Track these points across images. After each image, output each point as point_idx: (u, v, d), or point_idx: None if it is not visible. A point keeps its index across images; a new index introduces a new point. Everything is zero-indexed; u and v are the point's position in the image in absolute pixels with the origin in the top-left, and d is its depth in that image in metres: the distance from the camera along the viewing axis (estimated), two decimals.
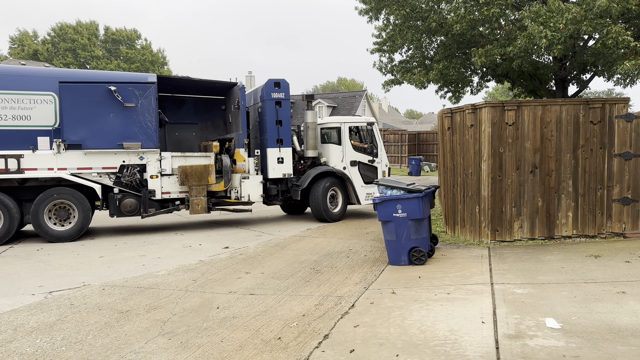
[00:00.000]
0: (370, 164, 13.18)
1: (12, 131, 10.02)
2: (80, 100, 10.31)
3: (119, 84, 10.60)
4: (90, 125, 10.40)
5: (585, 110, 8.49)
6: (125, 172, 10.79)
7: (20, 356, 4.35)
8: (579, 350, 4.02)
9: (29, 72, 10.82)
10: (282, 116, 12.12)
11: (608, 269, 6.52)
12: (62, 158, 10.29)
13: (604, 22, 12.13)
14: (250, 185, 11.86)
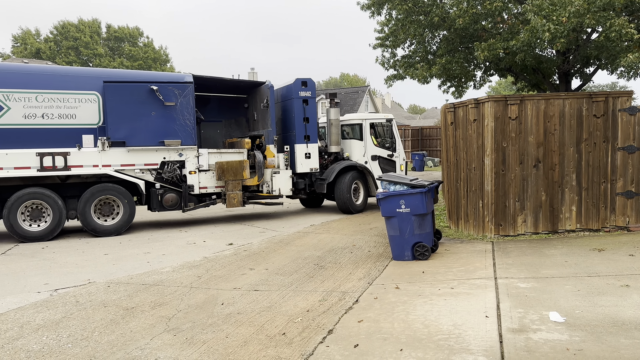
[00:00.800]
0: (390, 158, 13.92)
1: (58, 129, 10.32)
2: (123, 99, 10.69)
3: (160, 83, 11.01)
4: (133, 124, 10.79)
5: (588, 103, 8.46)
6: (166, 168, 11.22)
7: (27, 353, 4.39)
8: (582, 343, 4.02)
9: (73, 72, 11.13)
10: (309, 114, 12.66)
11: (612, 262, 6.51)
12: (107, 155, 10.65)
13: (607, 15, 12.07)
14: (281, 179, 12.44)
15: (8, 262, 8.28)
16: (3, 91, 9.90)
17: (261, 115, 12.96)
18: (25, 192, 10.10)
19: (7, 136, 9.94)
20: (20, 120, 10.04)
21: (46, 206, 10.29)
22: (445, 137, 10.04)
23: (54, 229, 10.32)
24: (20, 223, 10.08)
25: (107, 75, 11.08)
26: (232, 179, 11.68)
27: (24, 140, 10.07)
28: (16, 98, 10.00)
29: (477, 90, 19.24)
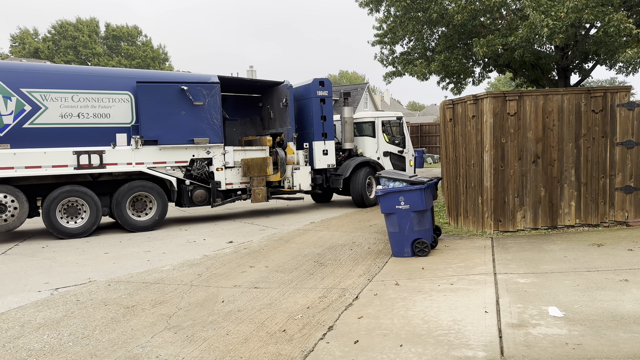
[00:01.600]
0: (400, 154, 14.77)
1: (93, 128, 10.68)
2: (155, 99, 11.10)
3: (189, 83, 11.47)
4: (164, 123, 11.21)
5: (587, 99, 8.47)
6: (195, 165, 11.67)
7: (28, 352, 4.40)
8: (581, 337, 4.04)
9: (107, 73, 11.45)
10: (326, 112, 13.24)
11: (611, 257, 6.53)
12: (140, 153, 11.04)
13: (606, 10, 12.07)
14: (301, 175, 13.06)
15: (9, 262, 8.29)
16: (41, 91, 10.21)
17: (278, 113, 13.43)
18: (64, 190, 10.38)
19: (45, 135, 10.24)
20: (57, 119, 10.35)
21: (82, 203, 10.59)
22: (444, 133, 10.05)
23: (91, 226, 10.64)
24: (59, 220, 10.35)
25: (140, 76, 11.45)
26: (257, 175, 12.20)
27: (60, 139, 10.38)
28: (53, 98, 10.31)
29: (476, 86, 19.32)
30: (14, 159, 9.95)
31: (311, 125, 13.21)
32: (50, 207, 10.23)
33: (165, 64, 56.61)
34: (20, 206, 10.08)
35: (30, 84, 10.17)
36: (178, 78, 11.80)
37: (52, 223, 10.27)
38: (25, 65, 11.43)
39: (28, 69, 10.60)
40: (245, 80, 13.37)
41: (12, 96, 10.00)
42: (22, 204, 10.09)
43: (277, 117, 13.54)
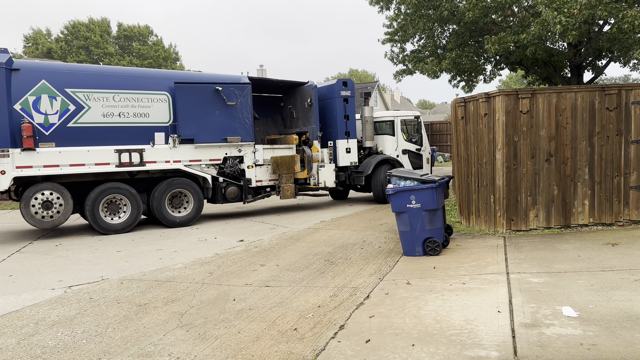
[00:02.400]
0: (417, 152, 15.27)
1: (133, 127, 11.03)
2: (192, 99, 11.48)
3: (223, 84, 11.89)
4: (199, 122, 11.60)
5: (601, 96, 8.37)
6: (228, 163, 12.12)
7: (43, 349, 4.45)
8: (596, 338, 3.99)
9: (146, 74, 11.94)
10: (349, 111, 13.69)
11: (625, 256, 6.45)
12: (177, 151, 11.42)
13: (620, 7, 11.90)
14: (326, 172, 13.52)
15: (23, 260, 8.38)
16: (84, 91, 10.54)
17: (302, 113, 13.87)
18: (108, 187, 10.73)
19: (88, 134, 10.57)
20: (99, 118, 10.69)
21: (122, 199, 10.95)
22: (455, 131, 9.99)
23: (133, 222, 11.01)
24: (102, 216, 10.71)
25: (177, 77, 11.82)
26: (286, 173, 12.66)
27: (102, 138, 10.70)
28: (95, 98, 10.64)
29: (487, 84, 19.30)
30: (59, 157, 10.28)
31: (335, 124, 13.63)
32: (94, 203, 10.57)
33: (177, 63, 56.87)
34: (65, 203, 10.36)
35: (74, 84, 10.49)
36: (212, 79, 12.18)
37: (96, 219, 10.62)
38: (69, 66, 11.77)
39: (72, 70, 10.94)
40: (270, 80, 13.69)
41: (58, 96, 10.32)
42: (67, 201, 10.37)
43: (300, 116, 14.00)
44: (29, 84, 10.11)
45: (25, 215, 10.09)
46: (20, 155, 9.94)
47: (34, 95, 10.12)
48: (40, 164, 10.12)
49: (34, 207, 10.11)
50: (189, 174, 11.68)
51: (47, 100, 10.20)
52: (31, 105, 10.09)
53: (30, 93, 10.09)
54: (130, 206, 10.95)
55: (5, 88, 9.79)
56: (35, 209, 10.11)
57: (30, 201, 10.07)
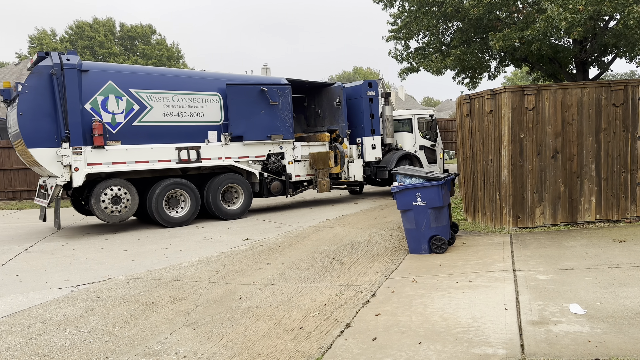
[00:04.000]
0: (432, 148, 16.27)
1: (190, 126, 11.71)
2: (241, 99, 12.23)
3: (267, 85, 12.68)
4: (247, 121, 12.37)
5: (607, 92, 8.31)
6: (271, 159, 12.91)
7: (50, 348, 4.46)
8: (604, 335, 3.97)
9: (200, 75, 12.54)
10: (374, 110, 14.53)
11: (633, 253, 6.41)
12: (228, 149, 12.18)
13: (625, 2, 11.81)
14: (355, 167, 14.42)
15: (30, 259, 8.42)
16: (147, 92, 11.14)
17: (328, 112, 14.75)
18: (171, 182, 11.34)
19: (151, 132, 11.16)
20: (160, 118, 11.30)
21: (182, 193, 11.56)
22: (460, 129, 9.95)
23: (192, 215, 11.61)
24: (165, 210, 11.27)
25: (228, 78, 12.52)
26: (322, 168, 13.53)
27: (163, 136, 11.32)
28: (157, 98, 11.25)
29: (492, 81, 19.09)
30: (126, 154, 10.85)
31: (361, 123, 14.44)
32: (158, 198, 11.13)
33: (180, 62, 56.93)
34: (132, 198, 10.90)
35: (138, 85, 11.06)
36: (257, 80, 13.19)
37: (160, 213, 11.15)
38: (133, 67, 12.24)
39: (135, 71, 11.58)
40: (297, 81, 14.12)
41: (123, 96, 10.86)
42: (134, 196, 10.92)
43: (326, 115, 14.86)
44: (97, 84, 10.61)
45: (96, 211, 10.53)
46: (91, 153, 10.46)
47: (102, 96, 10.63)
48: (109, 161, 10.67)
49: (104, 203, 10.58)
50: (239, 170, 12.43)
51: (114, 100, 10.74)
52: (100, 105, 10.60)
53: (98, 93, 10.60)
54: (190, 200, 11.56)
55: (77, 89, 10.25)
56: (105, 204, 10.58)
57: (101, 197, 10.54)
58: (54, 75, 10.07)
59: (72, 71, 10.17)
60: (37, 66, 10.09)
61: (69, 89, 10.13)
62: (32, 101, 9.95)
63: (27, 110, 9.93)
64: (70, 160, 10.22)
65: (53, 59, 10.18)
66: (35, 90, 9.99)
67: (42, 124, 10.06)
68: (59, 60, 10.13)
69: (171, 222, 11.28)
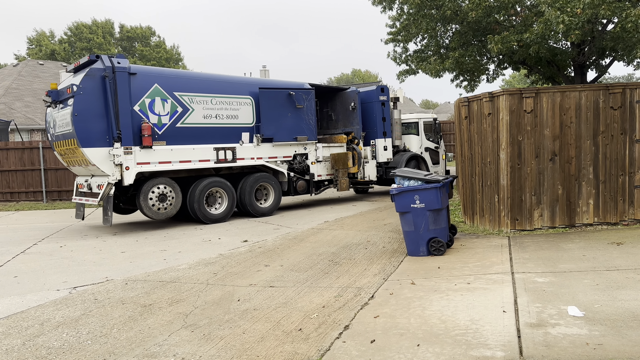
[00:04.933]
0: (436, 150, 17.12)
1: (226, 128, 12.32)
2: (271, 103, 12.93)
3: (294, 89, 13.41)
4: (277, 123, 13.07)
5: (605, 95, 8.34)
6: (296, 160, 13.66)
7: (48, 350, 4.46)
8: (602, 338, 3.98)
9: (235, 80, 13.07)
10: (386, 114, 15.25)
11: (631, 256, 6.43)
12: (259, 149, 12.86)
13: (623, 5, 11.86)
14: (370, 168, 15.16)
15: (28, 261, 8.40)
16: (189, 95, 11.69)
17: (342, 115, 15.48)
18: (211, 181, 11.91)
19: (192, 133, 11.72)
20: (200, 120, 11.88)
21: (218, 191, 12.15)
22: (459, 131, 9.97)
23: (229, 212, 12.22)
24: (205, 207, 11.81)
25: (260, 83, 13.36)
26: (342, 168, 14.26)
27: (203, 137, 11.90)
28: (197, 101, 11.84)
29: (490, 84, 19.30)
30: (171, 154, 11.39)
31: (374, 125, 15.16)
32: (200, 196, 11.66)
33: (179, 64, 56.92)
34: (176, 196, 11.44)
35: (181, 88, 11.58)
36: (285, 85, 13.68)
37: (201, 210, 11.69)
38: (177, 71, 12.60)
39: (178, 75, 12.08)
40: (315, 85, 14.58)
41: (168, 99, 11.38)
42: (177, 194, 11.46)
43: (340, 118, 15.58)
44: (145, 87, 11.07)
45: (144, 208, 11.00)
46: (140, 153, 10.94)
47: (149, 98, 11.10)
48: (156, 160, 11.18)
49: (151, 200, 11.07)
50: (269, 169, 13.12)
51: (160, 103, 11.24)
52: (147, 107, 11.08)
53: (146, 96, 11.06)
54: (227, 198, 12.18)
55: (127, 91, 10.72)
56: (152, 201, 11.07)
57: (148, 194, 11.03)
58: (107, 77, 10.50)
59: (123, 74, 10.64)
60: (91, 69, 10.46)
61: (120, 91, 10.59)
62: (86, 102, 10.33)
63: (82, 111, 10.30)
64: (122, 160, 10.67)
65: (105, 62, 10.59)
66: (89, 92, 10.38)
67: (95, 124, 10.47)
68: (110, 63, 10.59)
69: (211, 218, 11.82)
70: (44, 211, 16.36)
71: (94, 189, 11.16)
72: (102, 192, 10.66)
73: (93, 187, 11.20)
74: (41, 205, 17.78)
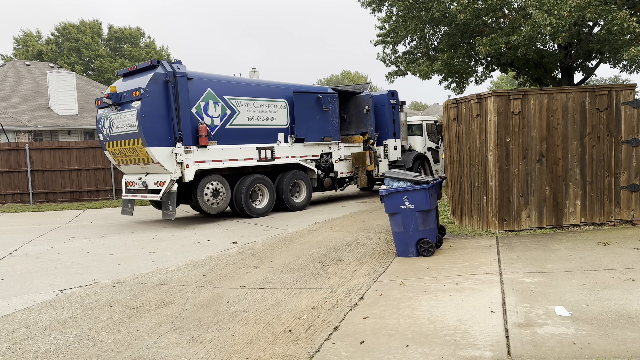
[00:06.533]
0: (436, 149, 18.40)
1: (265, 129, 13.32)
2: (303, 105, 13.99)
3: (322, 93, 14.53)
4: (307, 124, 14.10)
5: (591, 97, 8.43)
6: (323, 158, 14.72)
7: (34, 353, 4.41)
8: (589, 337, 4.02)
9: (272, 84, 14.01)
10: (395, 116, 16.39)
11: (617, 256, 6.50)
12: (293, 149, 13.91)
13: (609, 9, 12.01)
14: (383, 166, 16.18)
15: (14, 264, 8.31)
16: (236, 98, 12.62)
17: (355, 117, 16.47)
18: (255, 177, 12.87)
19: (238, 134, 12.66)
20: (245, 121, 12.84)
21: (260, 187, 13.11)
22: (448, 132, 10.02)
23: (270, 207, 13.21)
24: (250, 202, 12.76)
25: (292, 87, 14.19)
26: (361, 166, 15.32)
27: (247, 137, 12.84)
28: (243, 104, 12.78)
29: (479, 85, 19.57)
30: (222, 153, 12.29)
31: (385, 127, 16.30)
32: (247, 191, 12.60)
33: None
34: (227, 191, 12.35)
35: (229, 92, 12.48)
36: (314, 89, 14.94)
37: (247, 204, 12.61)
38: (225, 77, 13.25)
39: (226, 80, 12.84)
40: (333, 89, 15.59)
41: (219, 102, 12.26)
42: (227, 190, 12.38)
43: (353, 120, 16.55)
44: (200, 91, 11.87)
45: (201, 203, 11.85)
46: (197, 152, 11.76)
47: (203, 101, 11.94)
48: (210, 159, 12.03)
49: (207, 196, 11.93)
50: (302, 167, 14.15)
51: (212, 106, 12.12)
52: (202, 109, 11.91)
53: (201, 99, 11.89)
54: (267, 194, 13.18)
55: (187, 95, 11.48)
56: (207, 197, 11.93)
57: (204, 190, 11.89)
58: (169, 82, 11.27)
59: (182, 79, 11.39)
60: (155, 73, 11.17)
61: (181, 94, 11.34)
62: (152, 105, 11.09)
63: (148, 112, 11.05)
64: (183, 158, 11.46)
65: (166, 68, 11.34)
66: (155, 95, 11.14)
67: (160, 125, 11.25)
68: (171, 68, 11.35)
69: (256, 213, 12.76)
70: (31, 213, 16.19)
71: (150, 185, 11.90)
72: (164, 188, 11.39)
73: (149, 184, 11.92)
74: (28, 207, 17.59)
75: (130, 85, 11.55)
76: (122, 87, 11.78)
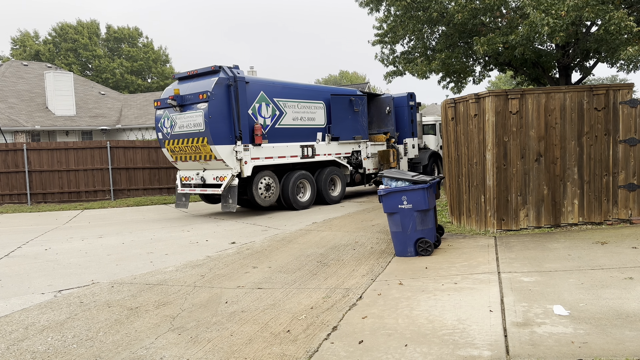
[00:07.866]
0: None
1: (306, 128, 14.45)
2: (338, 107, 15.11)
3: (354, 95, 15.67)
4: (341, 124, 15.23)
5: (589, 97, 8.45)
6: (353, 156, 15.84)
7: (33, 354, 4.40)
8: (587, 336, 4.02)
9: (313, 87, 15.60)
10: (413, 117, 17.49)
11: (615, 255, 6.51)
12: (329, 147, 15.05)
13: (606, 8, 12.03)
14: (403, 163, 17.37)
15: (12, 264, 8.29)
16: (283, 100, 13.74)
17: (376, 117, 17.52)
18: (300, 173, 13.94)
19: (285, 133, 13.72)
20: (291, 122, 13.96)
21: (303, 183, 14.22)
22: (446, 132, 10.03)
23: (312, 200, 14.33)
24: (296, 195, 13.86)
25: (331, 90, 15.59)
26: (386, 163, 16.45)
27: (292, 136, 13.93)
28: (289, 105, 13.92)
29: (477, 85, 19.55)
30: (272, 151, 13.35)
31: (404, 127, 17.40)
32: (294, 186, 13.69)
33: (167, 65, 56.54)
34: (276, 186, 13.46)
35: (278, 95, 13.57)
36: (347, 91, 16.09)
37: (294, 198, 13.71)
38: (274, 80, 14.06)
39: (275, 83, 13.78)
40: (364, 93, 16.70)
41: (270, 104, 13.34)
42: (277, 185, 13.51)
43: (374, 120, 17.56)
44: (254, 94, 12.93)
45: (255, 196, 12.92)
46: (253, 149, 12.82)
47: (257, 103, 12.99)
48: (263, 156, 13.11)
49: (260, 190, 13.04)
50: (337, 164, 15.27)
51: (265, 107, 13.19)
52: (257, 110, 12.97)
53: (255, 101, 12.93)
54: (309, 188, 14.28)
55: (245, 98, 12.53)
56: (261, 190, 13.04)
57: (258, 185, 13.01)
58: (231, 86, 12.26)
59: (242, 83, 12.45)
60: (220, 78, 12.11)
61: (241, 97, 12.39)
62: (217, 106, 12.07)
63: (214, 114, 12.03)
64: (242, 155, 12.48)
65: (227, 72, 12.26)
66: (220, 98, 12.13)
67: (223, 125, 12.22)
68: (231, 73, 12.29)
69: (301, 206, 13.88)
70: (29, 214, 16.16)
71: (208, 180, 12.86)
72: (226, 182, 12.34)
73: (207, 179, 12.87)
74: (25, 207, 17.56)
75: (191, 88, 12.47)
76: (183, 89, 12.63)
